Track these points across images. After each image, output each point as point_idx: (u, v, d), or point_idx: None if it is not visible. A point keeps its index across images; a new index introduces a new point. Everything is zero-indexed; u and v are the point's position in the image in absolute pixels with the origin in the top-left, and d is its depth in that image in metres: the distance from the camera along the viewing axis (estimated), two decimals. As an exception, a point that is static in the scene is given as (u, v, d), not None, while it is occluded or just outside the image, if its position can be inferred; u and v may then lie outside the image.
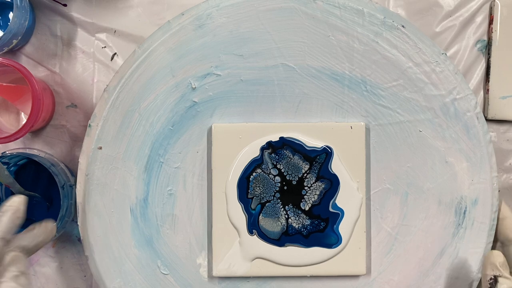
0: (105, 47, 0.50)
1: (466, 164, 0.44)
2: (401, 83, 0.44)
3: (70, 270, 0.50)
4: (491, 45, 0.50)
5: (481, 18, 0.50)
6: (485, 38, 0.50)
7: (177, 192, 0.45)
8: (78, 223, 0.44)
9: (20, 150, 0.46)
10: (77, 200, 0.44)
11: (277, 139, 0.43)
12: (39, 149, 0.48)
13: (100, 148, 0.44)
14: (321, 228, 0.43)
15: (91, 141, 0.44)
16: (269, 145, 0.43)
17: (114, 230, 0.44)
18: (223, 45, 0.44)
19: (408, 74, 0.44)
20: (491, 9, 0.50)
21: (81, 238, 0.44)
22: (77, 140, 0.50)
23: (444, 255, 0.44)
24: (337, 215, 0.43)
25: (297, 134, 0.44)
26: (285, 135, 0.43)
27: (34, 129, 0.45)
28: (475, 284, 0.44)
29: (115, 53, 0.50)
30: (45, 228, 0.38)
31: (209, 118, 0.45)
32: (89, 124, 0.44)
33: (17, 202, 0.37)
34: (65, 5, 0.46)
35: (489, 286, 0.37)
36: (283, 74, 0.44)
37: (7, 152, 0.46)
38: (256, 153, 0.43)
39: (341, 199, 0.43)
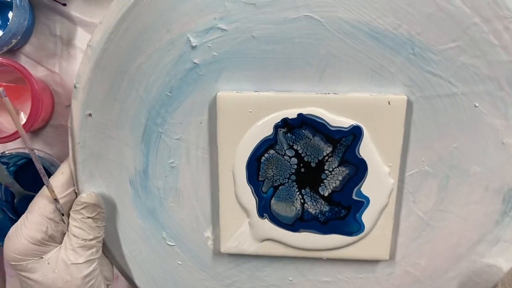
0: None
1: (527, 146, 0.36)
2: (460, 44, 0.34)
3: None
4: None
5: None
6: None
7: (179, 165, 0.39)
8: (75, 190, 0.40)
9: (20, 150, 0.45)
10: (71, 168, 0.40)
11: (295, 116, 0.35)
12: (39, 149, 0.48)
13: (90, 115, 0.38)
14: (342, 216, 0.38)
15: (79, 104, 0.38)
16: (285, 123, 0.36)
17: (114, 201, 0.41)
18: (230, -10, 0.34)
19: (471, 33, 0.33)
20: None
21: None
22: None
23: (481, 243, 0.39)
24: (361, 203, 0.37)
25: (320, 110, 0.35)
26: (304, 112, 0.35)
27: (33, 129, 0.46)
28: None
29: None
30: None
31: (213, 83, 0.37)
32: (75, 85, 0.37)
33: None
34: (64, 4, 0.45)
35: None
36: (307, 30, 0.35)
37: (7, 152, 0.45)
38: (268, 131, 0.36)
39: (368, 186, 0.37)
